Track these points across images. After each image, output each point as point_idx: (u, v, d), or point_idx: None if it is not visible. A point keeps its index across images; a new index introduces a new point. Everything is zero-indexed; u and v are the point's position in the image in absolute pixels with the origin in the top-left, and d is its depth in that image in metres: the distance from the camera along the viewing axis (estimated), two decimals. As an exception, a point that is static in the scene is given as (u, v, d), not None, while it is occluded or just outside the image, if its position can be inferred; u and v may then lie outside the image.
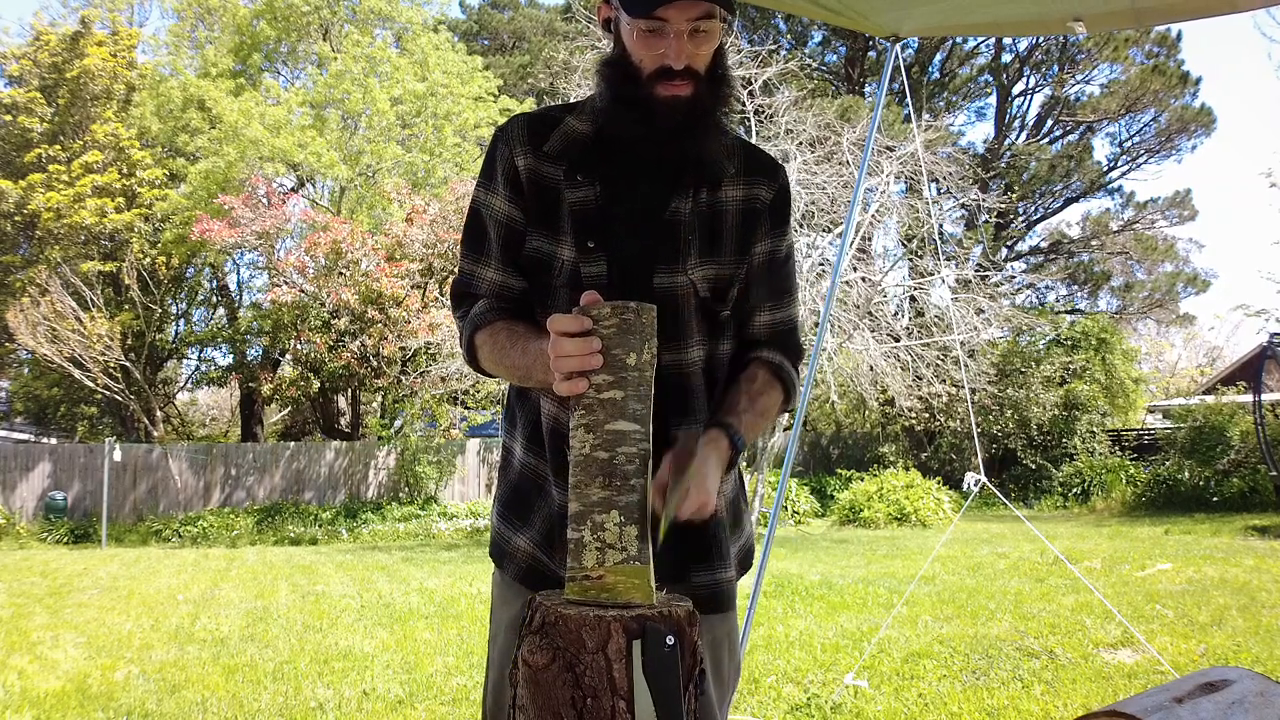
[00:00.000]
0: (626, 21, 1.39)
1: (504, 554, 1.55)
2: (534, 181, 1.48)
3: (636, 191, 1.46)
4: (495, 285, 1.51)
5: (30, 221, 18.23)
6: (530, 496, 1.53)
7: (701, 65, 1.40)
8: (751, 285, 1.53)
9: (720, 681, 1.53)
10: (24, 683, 4.67)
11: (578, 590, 1.17)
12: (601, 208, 1.46)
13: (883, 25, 3.34)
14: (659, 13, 1.34)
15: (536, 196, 1.48)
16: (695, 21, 1.35)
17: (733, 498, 1.57)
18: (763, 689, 4.15)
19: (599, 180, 1.46)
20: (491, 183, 1.52)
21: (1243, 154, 55.02)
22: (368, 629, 6.09)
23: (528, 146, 1.48)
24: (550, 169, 1.48)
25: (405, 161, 18.92)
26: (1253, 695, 1.27)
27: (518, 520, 1.54)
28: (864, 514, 14.41)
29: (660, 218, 1.46)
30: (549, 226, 1.47)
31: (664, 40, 1.36)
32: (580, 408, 1.20)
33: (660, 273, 1.46)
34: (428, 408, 16.24)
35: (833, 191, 12.60)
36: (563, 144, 1.49)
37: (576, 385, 1.19)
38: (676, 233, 1.46)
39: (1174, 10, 3.09)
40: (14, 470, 15.48)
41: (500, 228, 1.51)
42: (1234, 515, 12.26)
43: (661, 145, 1.43)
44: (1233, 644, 4.74)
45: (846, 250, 9.91)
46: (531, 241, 1.49)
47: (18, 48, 20.75)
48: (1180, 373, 31.51)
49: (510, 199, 1.50)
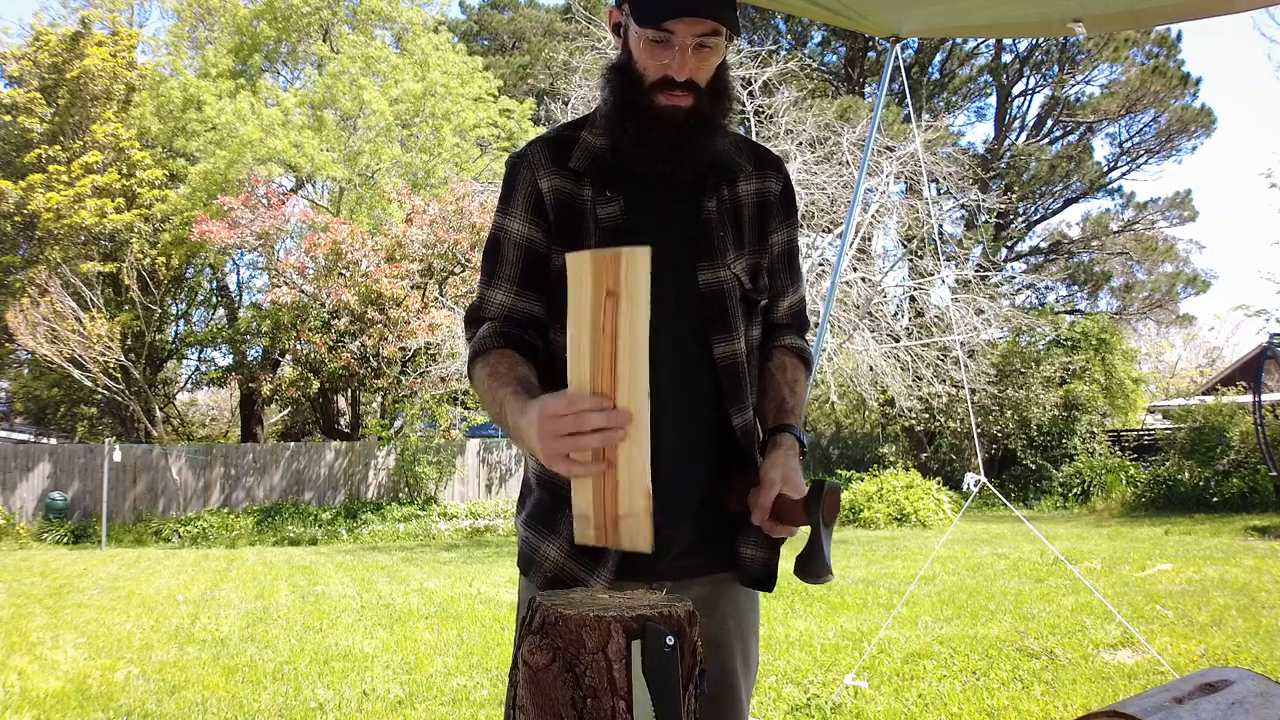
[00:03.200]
0: (635, 30, 1.42)
1: (532, 563, 1.56)
2: (559, 201, 1.50)
3: (662, 199, 1.50)
4: (504, 308, 1.52)
5: (30, 222, 18.22)
6: (555, 505, 1.53)
7: (703, 79, 1.44)
8: (775, 273, 1.61)
9: (747, 672, 1.58)
10: (24, 683, 4.66)
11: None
12: (629, 220, 1.48)
13: (883, 25, 3.34)
14: (667, 25, 1.37)
15: (561, 215, 1.50)
16: (701, 37, 1.39)
17: None
18: (763, 689, 4.15)
19: (623, 194, 1.49)
20: (510, 207, 1.53)
21: (1243, 154, 55.08)
22: (368, 629, 6.09)
23: (552, 167, 1.51)
24: (575, 187, 1.51)
25: (404, 162, 18.92)
26: (1253, 695, 1.27)
27: (545, 529, 1.55)
28: (864, 514, 14.41)
29: (690, 217, 1.51)
30: (576, 244, 1.48)
31: (669, 51, 1.40)
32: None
33: (704, 270, 1.50)
34: (427, 408, 16.24)
35: (833, 191, 12.61)
36: (586, 160, 1.51)
37: (570, 467, 1.20)
38: (710, 230, 1.51)
39: (1173, 11, 3.10)
40: (14, 470, 15.48)
41: (518, 250, 1.52)
42: (1234, 515, 12.26)
43: (659, 157, 1.46)
44: (1233, 644, 4.74)
45: (846, 250, 9.91)
46: (556, 260, 1.50)
47: (18, 48, 20.74)
48: (1180, 373, 31.54)
49: (530, 221, 1.51)
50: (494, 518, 15.35)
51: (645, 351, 1.17)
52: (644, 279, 1.15)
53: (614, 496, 1.21)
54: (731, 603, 1.54)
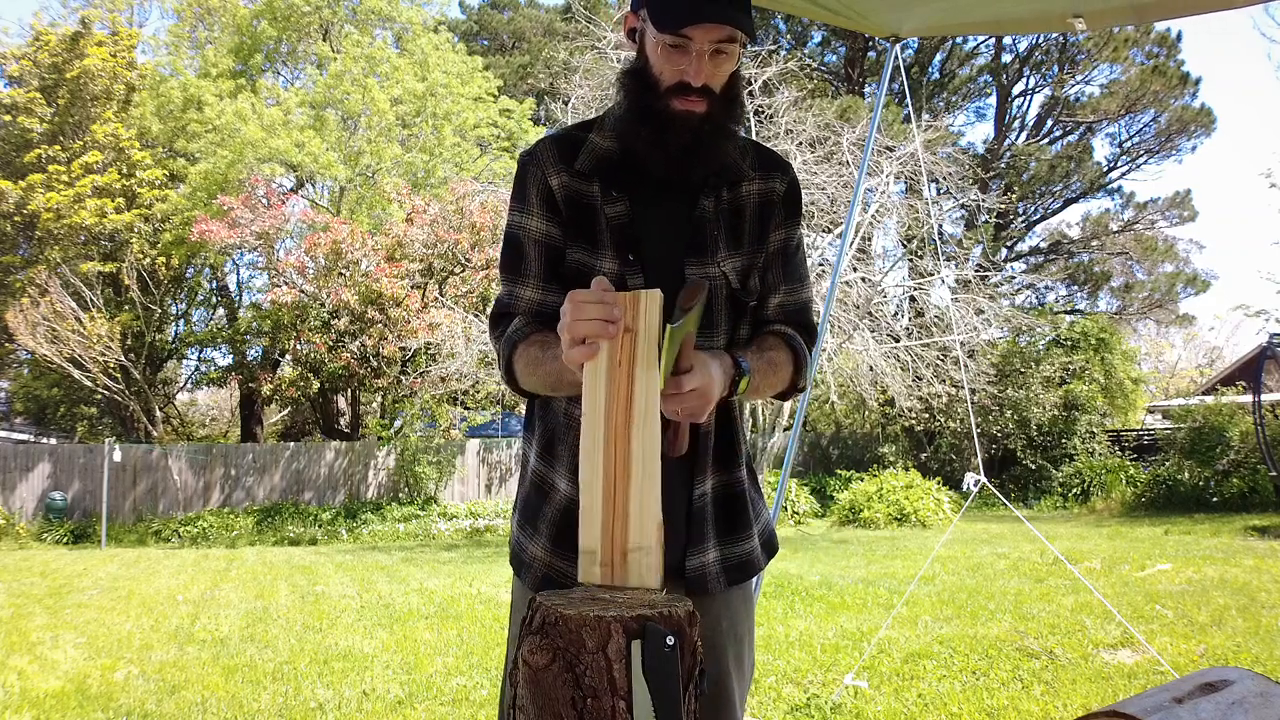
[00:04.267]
0: (652, 35, 1.43)
1: (522, 563, 1.59)
2: (570, 198, 1.52)
3: (665, 199, 1.52)
4: (534, 303, 1.53)
5: (30, 222, 18.21)
6: (540, 502, 1.56)
7: (718, 85, 1.46)
8: (766, 271, 1.60)
9: (741, 674, 1.58)
10: (24, 683, 4.66)
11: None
12: (635, 220, 1.51)
13: (883, 25, 3.34)
14: (686, 31, 1.38)
15: (573, 212, 1.52)
16: (718, 43, 1.40)
17: (746, 487, 1.60)
18: (763, 689, 4.15)
19: (629, 194, 1.51)
20: (525, 204, 1.54)
21: (1243, 154, 55.06)
22: (367, 629, 6.09)
23: (560, 165, 1.53)
24: (584, 186, 1.52)
25: (405, 161, 18.92)
26: (1253, 695, 1.27)
27: (530, 527, 1.57)
28: (864, 514, 14.41)
29: (691, 216, 1.52)
30: (588, 240, 1.51)
31: (686, 57, 1.41)
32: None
33: (691, 265, 1.50)
34: (427, 408, 16.24)
35: (833, 191, 12.60)
36: (593, 162, 1.53)
37: (588, 351, 1.21)
38: (704, 228, 1.52)
39: (1173, 7, 3.10)
40: (14, 470, 15.48)
41: (539, 247, 1.53)
42: (1234, 515, 12.25)
43: (674, 162, 1.47)
44: (1232, 644, 4.74)
45: (846, 250, 9.92)
46: (572, 255, 1.52)
47: (18, 48, 20.72)
48: (1180, 373, 31.53)
49: (546, 217, 1.53)
50: (494, 518, 15.35)
51: (657, 385, 1.22)
52: (657, 318, 1.22)
53: (624, 528, 1.22)
54: (724, 604, 1.55)
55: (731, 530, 1.56)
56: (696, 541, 1.51)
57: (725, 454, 1.56)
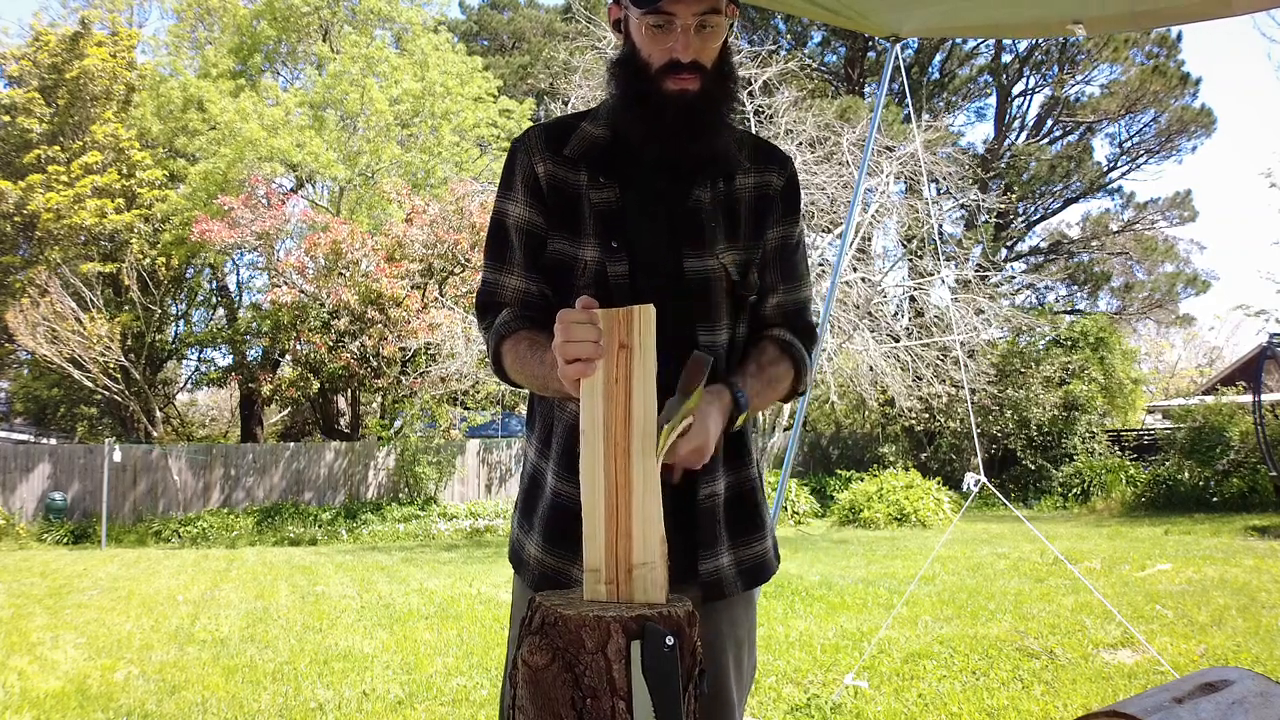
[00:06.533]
0: (635, 18, 1.42)
1: (521, 561, 1.58)
2: (555, 186, 1.50)
3: (656, 188, 1.49)
4: (520, 293, 1.53)
5: (30, 222, 18.21)
6: (535, 499, 1.56)
7: (708, 60, 1.43)
8: (765, 269, 1.58)
9: (740, 676, 1.56)
10: (24, 683, 4.66)
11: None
12: (624, 207, 1.48)
13: (883, 25, 3.34)
14: (665, 6, 1.37)
15: (558, 200, 1.50)
16: (701, 16, 1.39)
17: (757, 485, 1.61)
18: (763, 689, 4.15)
19: (619, 181, 1.49)
20: (511, 191, 1.53)
21: (1243, 154, 55.04)
22: (368, 629, 6.09)
23: (547, 153, 1.51)
24: (570, 173, 1.50)
25: (404, 162, 18.92)
26: (1253, 695, 1.27)
27: (526, 524, 1.57)
28: (864, 514, 14.41)
29: (684, 207, 1.49)
30: (570, 229, 1.49)
31: (671, 35, 1.40)
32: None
33: (690, 258, 1.48)
34: (427, 408, 16.24)
35: (833, 192, 12.61)
36: (582, 148, 1.51)
37: (582, 369, 1.21)
38: (700, 220, 1.50)
39: (1171, 13, 3.10)
40: (14, 471, 15.48)
41: (522, 234, 1.52)
42: (1234, 515, 12.25)
43: (671, 144, 1.45)
44: (1233, 644, 4.74)
45: (846, 250, 9.92)
46: (553, 244, 1.50)
47: (17, 48, 20.73)
48: (1180, 373, 31.53)
49: (530, 204, 1.52)
50: (494, 518, 15.34)
51: (655, 398, 1.22)
52: (651, 333, 1.22)
53: (628, 544, 1.22)
54: (725, 607, 1.54)
55: (744, 531, 1.55)
56: (709, 544, 1.49)
57: (736, 452, 1.55)
